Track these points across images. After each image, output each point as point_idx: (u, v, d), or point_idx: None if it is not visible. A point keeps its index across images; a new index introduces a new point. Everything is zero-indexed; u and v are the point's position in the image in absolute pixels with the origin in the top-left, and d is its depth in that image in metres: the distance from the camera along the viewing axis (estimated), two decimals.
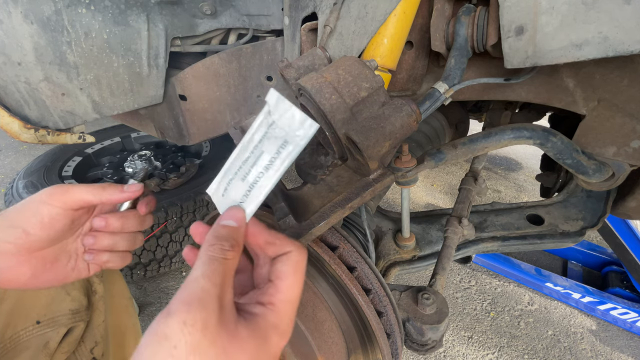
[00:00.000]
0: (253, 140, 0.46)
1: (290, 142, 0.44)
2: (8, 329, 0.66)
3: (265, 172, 0.45)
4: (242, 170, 0.47)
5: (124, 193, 0.59)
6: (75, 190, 0.56)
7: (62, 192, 0.55)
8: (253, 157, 0.46)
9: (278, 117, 0.44)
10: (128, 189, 0.60)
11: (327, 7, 0.79)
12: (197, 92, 1.14)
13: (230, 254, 0.41)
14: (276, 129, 0.44)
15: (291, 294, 0.44)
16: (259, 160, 0.46)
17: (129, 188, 0.60)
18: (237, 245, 0.43)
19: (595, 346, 1.85)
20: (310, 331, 0.64)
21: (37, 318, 0.70)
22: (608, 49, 0.54)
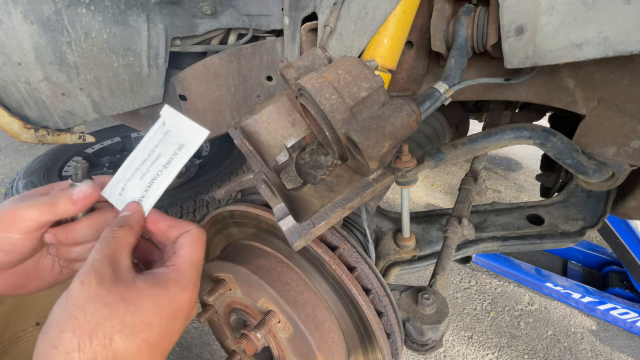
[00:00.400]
0: (149, 146, 0.56)
1: (186, 145, 0.55)
2: (7, 330, 0.66)
3: (164, 169, 0.55)
4: (140, 170, 0.56)
5: (76, 205, 0.53)
6: (24, 213, 0.51)
7: (11, 219, 0.50)
8: (151, 159, 0.56)
9: (172, 127, 0.56)
10: (78, 196, 0.53)
11: (327, 7, 0.79)
12: (197, 92, 1.14)
13: (119, 232, 0.49)
14: (172, 136, 0.56)
15: (191, 258, 0.52)
16: (157, 161, 0.56)
17: (79, 195, 0.53)
18: (126, 225, 0.51)
19: (595, 346, 1.85)
20: (310, 331, 0.64)
21: (37, 319, 0.70)
22: (608, 49, 0.54)
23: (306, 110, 0.59)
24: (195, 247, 0.53)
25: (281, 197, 0.55)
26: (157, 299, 0.45)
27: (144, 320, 0.43)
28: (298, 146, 0.67)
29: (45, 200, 0.52)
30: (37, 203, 0.51)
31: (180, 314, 0.47)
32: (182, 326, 0.49)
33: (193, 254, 0.52)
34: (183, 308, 0.47)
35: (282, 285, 0.67)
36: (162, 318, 0.44)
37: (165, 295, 0.46)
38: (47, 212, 0.51)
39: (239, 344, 0.64)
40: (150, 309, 0.44)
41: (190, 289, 0.49)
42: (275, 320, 0.65)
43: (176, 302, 0.46)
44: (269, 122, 0.67)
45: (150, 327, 0.43)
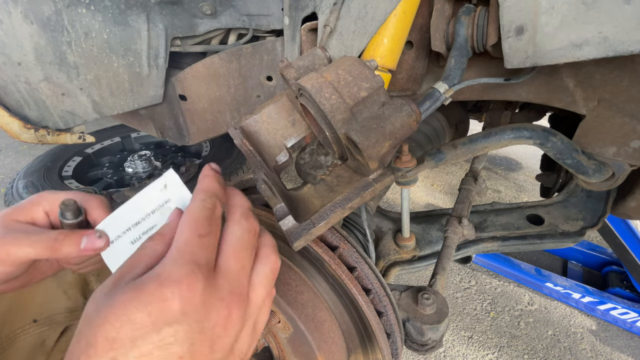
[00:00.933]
0: (146, 208, 0.50)
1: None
2: (4, 328, 0.66)
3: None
4: (132, 233, 0.50)
5: (82, 253, 0.49)
6: (19, 251, 0.47)
7: (5, 254, 0.47)
8: (145, 226, 0.50)
9: (172, 195, 0.50)
10: (86, 247, 0.49)
11: (327, 7, 0.79)
12: (197, 92, 1.14)
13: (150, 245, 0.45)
14: (171, 205, 0.50)
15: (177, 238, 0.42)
16: (149, 231, 0.50)
17: (87, 246, 0.49)
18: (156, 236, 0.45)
19: (595, 346, 1.85)
20: (310, 331, 0.64)
21: (34, 317, 0.70)
22: (608, 49, 0.54)
23: (306, 110, 0.59)
24: (187, 225, 0.42)
25: (281, 197, 0.55)
26: (126, 304, 0.35)
27: (104, 335, 0.34)
28: (298, 146, 0.67)
29: (47, 242, 0.48)
30: (35, 243, 0.48)
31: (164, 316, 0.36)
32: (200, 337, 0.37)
33: (181, 235, 0.41)
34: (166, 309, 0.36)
35: (282, 285, 0.67)
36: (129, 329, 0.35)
37: (137, 296, 0.36)
38: (47, 254, 0.48)
39: None
40: (114, 321, 0.35)
41: (174, 283, 0.37)
42: (275, 320, 0.65)
43: (151, 304, 0.35)
44: (269, 122, 0.67)
45: (114, 341, 0.34)
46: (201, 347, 0.38)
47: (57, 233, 0.49)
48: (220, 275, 0.41)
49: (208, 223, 0.43)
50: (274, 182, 0.58)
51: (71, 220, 0.50)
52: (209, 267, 0.41)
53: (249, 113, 0.66)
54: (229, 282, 0.42)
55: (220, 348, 0.40)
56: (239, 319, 0.41)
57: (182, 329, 0.36)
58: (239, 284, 0.43)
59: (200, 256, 0.40)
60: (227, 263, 0.43)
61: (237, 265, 0.43)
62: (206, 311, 0.38)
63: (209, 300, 0.39)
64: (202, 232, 0.42)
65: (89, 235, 0.49)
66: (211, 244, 0.42)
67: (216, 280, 0.41)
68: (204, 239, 0.42)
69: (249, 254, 0.46)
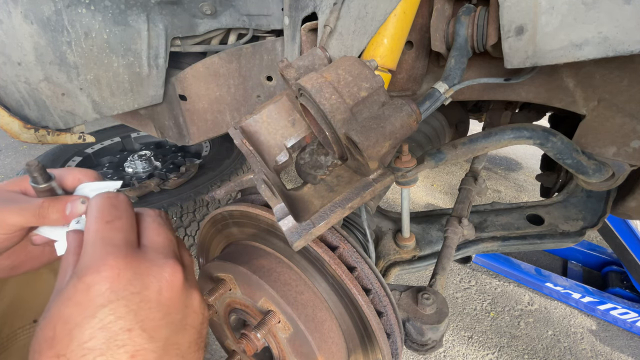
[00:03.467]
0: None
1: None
2: (5, 328, 0.66)
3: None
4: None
5: (67, 219, 0.50)
6: (9, 218, 0.48)
7: None
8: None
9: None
10: (71, 211, 0.50)
11: (327, 7, 0.79)
12: (197, 92, 1.14)
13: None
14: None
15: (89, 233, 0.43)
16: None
17: (72, 210, 0.50)
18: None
19: (595, 346, 1.85)
20: (310, 331, 0.64)
21: (34, 317, 0.70)
22: (608, 49, 0.54)
23: (306, 110, 0.59)
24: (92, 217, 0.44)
25: (281, 197, 0.55)
26: (55, 306, 0.38)
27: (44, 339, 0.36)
28: (298, 146, 0.67)
29: (34, 209, 0.49)
30: (24, 210, 0.49)
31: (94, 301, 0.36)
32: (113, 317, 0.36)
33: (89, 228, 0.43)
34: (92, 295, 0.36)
35: (282, 285, 0.67)
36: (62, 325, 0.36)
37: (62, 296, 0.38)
38: (35, 221, 0.49)
39: (239, 344, 0.64)
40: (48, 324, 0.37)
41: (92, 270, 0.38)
42: (275, 320, 0.65)
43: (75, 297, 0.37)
44: (269, 122, 0.66)
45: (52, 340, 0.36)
46: (149, 314, 0.38)
47: (42, 200, 0.50)
48: (148, 249, 0.43)
49: (114, 209, 0.45)
50: (274, 182, 0.58)
51: (41, 184, 0.50)
52: (129, 244, 0.42)
53: (249, 113, 0.66)
54: (159, 251, 0.43)
55: (175, 309, 0.41)
56: (182, 276, 0.42)
57: (120, 305, 0.37)
58: (171, 251, 0.45)
59: (114, 237, 0.41)
60: (151, 238, 0.45)
61: (162, 239, 0.45)
62: (142, 281, 0.39)
63: (141, 271, 0.39)
64: (109, 218, 0.43)
65: (73, 202, 0.51)
66: (123, 226, 0.44)
67: (145, 253, 0.42)
68: (113, 223, 0.43)
69: (171, 231, 0.49)
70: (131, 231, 0.44)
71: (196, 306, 0.45)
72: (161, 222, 0.49)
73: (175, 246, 0.47)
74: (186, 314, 0.43)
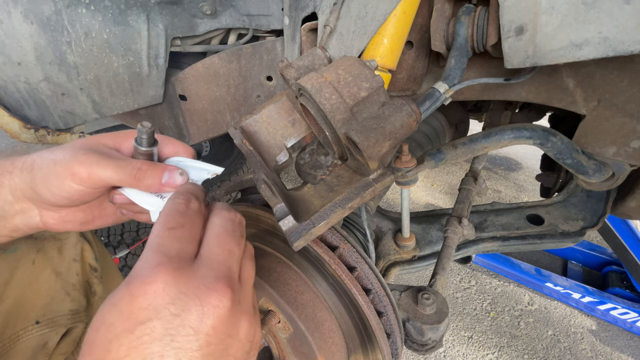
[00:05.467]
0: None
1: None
2: (7, 329, 0.66)
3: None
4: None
5: (162, 188, 0.50)
6: (103, 173, 0.47)
7: (87, 175, 0.47)
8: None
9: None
10: (168, 182, 0.50)
11: (327, 7, 0.79)
12: (197, 92, 1.14)
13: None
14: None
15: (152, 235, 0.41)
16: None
17: (170, 181, 0.50)
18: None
19: (595, 346, 1.85)
20: (310, 331, 0.64)
21: (37, 318, 0.70)
22: (608, 49, 0.54)
23: (306, 110, 0.59)
24: (157, 222, 0.42)
25: (281, 197, 0.55)
26: (102, 309, 0.35)
27: (86, 340, 0.35)
28: (298, 146, 0.67)
29: (131, 169, 0.48)
30: (120, 168, 0.48)
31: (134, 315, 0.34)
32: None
33: (151, 233, 0.40)
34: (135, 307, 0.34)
35: (282, 285, 0.67)
36: (104, 332, 0.34)
37: (110, 299, 0.36)
38: (129, 182, 0.49)
39: None
40: (92, 325, 0.35)
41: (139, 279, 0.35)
42: (275, 320, 0.65)
43: (119, 304, 0.35)
44: (269, 122, 0.67)
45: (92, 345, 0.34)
46: (186, 342, 0.34)
47: (141, 163, 0.49)
48: (203, 263, 0.39)
49: (179, 215, 0.42)
50: (274, 182, 0.58)
51: (145, 147, 0.50)
52: (183, 257, 0.39)
53: (249, 113, 0.66)
54: (213, 268, 0.39)
55: (215, 339, 0.36)
56: (231, 303, 0.38)
57: (158, 325, 0.34)
58: (227, 268, 0.41)
59: (170, 247, 0.38)
60: (210, 250, 0.41)
61: (221, 252, 0.41)
62: (185, 302, 0.35)
63: (188, 290, 0.36)
64: (172, 224, 0.41)
65: (172, 171, 0.50)
66: (184, 236, 0.41)
67: (196, 269, 0.38)
68: (175, 231, 0.40)
69: (236, 241, 0.44)
70: (191, 242, 0.41)
71: (243, 335, 0.40)
72: (229, 229, 0.44)
73: (234, 261, 0.43)
74: (229, 345, 0.38)
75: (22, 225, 0.53)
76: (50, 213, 0.53)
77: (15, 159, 0.50)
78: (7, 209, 0.51)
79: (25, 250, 0.70)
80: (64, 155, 0.48)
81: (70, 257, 0.78)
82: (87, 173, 0.47)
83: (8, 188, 0.49)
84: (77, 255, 0.79)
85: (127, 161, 0.49)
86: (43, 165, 0.48)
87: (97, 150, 0.49)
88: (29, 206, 0.52)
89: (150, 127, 0.49)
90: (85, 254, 0.81)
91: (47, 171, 0.48)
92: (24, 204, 0.51)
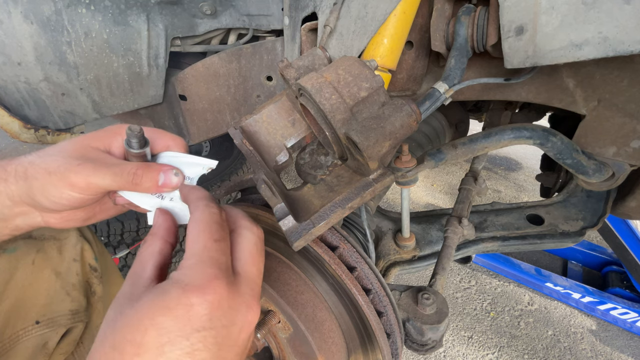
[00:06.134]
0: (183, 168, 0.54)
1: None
2: (7, 329, 0.66)
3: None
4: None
5: (160, 189, 0.51)
6: (100, 181, 0.47)
7: (85, 184, 0.47)
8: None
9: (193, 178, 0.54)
10: (164, 183, 0.50)
11: (327, 7, 0.79)
12: (197, 92, 1.14)
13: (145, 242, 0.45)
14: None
15: (193, 247, 0.40)
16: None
17: (166, 182, 0.50)
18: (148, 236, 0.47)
19: (595, 346, 1.85)
20: (310, 331, 0.64)
21: (37, 318, 0.70)
22: (608, 49, 0.54)
23: (306, 110, 0.59)
24: (200, 231, 0.41)
25: (281, 197, 0.55)
26: (150, 309, 0.36)
27: (128, 338, 0.35)
28: (298, 146, 0.67)
29: (127, 176, 0.48)
30: (117, 175, 0.48)
31: (191, 322, 0.35)
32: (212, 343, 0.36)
33: (196, 241, 0.41)
34: (193, 315, 0.36)
35: (282, 285, 0.67)
36: (155, 334, 0.34)
37: (161, 301, 0.36)
38: (127, 187, 0.49)
39: None
40: (138, 324, 0.35)
41: (198, 289, 0.37)
42: (275, 320, 0.65)
43: (176, 309, 0.35)
44: (269, 122, 0.67)
45: (139, 346, 0.34)
46: (228, 352, 0.38)
47: (136, 167, 0.49)
48: (242, 280, 0.42)
49: (220, 228, 0.43)
50: (274, 182, 0.58)
51: (136, 149, 0.50)
52: (229, 271, 0.41)
53: (249, 113, 0.66)
54: (251, 286, 0.42)
55: (241, 350, 0.40)
56: (255, 320, 0.42)
57: (210, 335, 0.36)
58: (258, 286, 0.44)
59: (221, 261, 0.40)
60: (247, 268, 0.43)
61: (256, 271, 0.44)
62: (232, 316, 0.38)
63: (234, 305, 0.39)
64: (217, 236, 0.42)
65: (167, 172, 0.50)
66: (227, 249, 0.43)
67: (239, 285, 0.41)
68: (220, 244, 0.41)
69: (263, 259, 0.47)
70: (229, 254, 0.43)
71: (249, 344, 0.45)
72: (260, 247, 0.46)
73: (261, 279, 0.45)
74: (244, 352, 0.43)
75: (23, 225, 0.54)
76: (51, 214, 0.53)
77: (5, 165, 0.49)
78: (6, 212, 0.51)
79: (25, 250, 0.70)
80: (57, 166, 0.47)
81: (70, 257, 0.78)
82: (85, 183, 0.47)
83: (5, 194, 0.49)
84: (77, 255, 0.79)
85: (122, 167, 0.49)
86: (38, 175, 0.48)
87: (90, 158, 0.49)
88: (29, 209, 0.52)
89: (139, 130, 0.49)
90: (85, 254, 0.81)
91: (43, 181, 0.48)
92: (24, 207, 0.51)
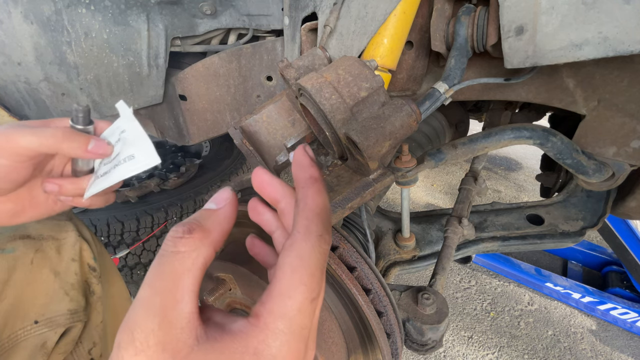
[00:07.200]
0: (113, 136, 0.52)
1: (135, 159, 0.48)
2: (6, 329, 0.66)
3: (113, 170, 0.50)
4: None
5: (87, 154, 0.48)
6: (21, 139, 0.45)
7: (6, 142, 0.45)
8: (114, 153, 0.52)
9: (128, 129, 0.50)
10: (93, 149, 0.48)
11: (327, 7, 0.79)
12: (197, 92, 1.14)
13: (183, 243, 0.30)
14: (127, 135, 0.49)
15: (284, 304, 0.29)
16: (115, 159, 0.51)
17: (96, 148, 0.48)
18: (196, 229, 0.31)
19: (595, 346, 1.85)
20: None
21: (35, 318, 0.70)
22: (608, 49, 0.54)
23: (306, 110, 0.59)
24: (301, 282, 0.30)
25: None
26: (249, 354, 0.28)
27: None
28: (298, 146, 0.67)
29: (53, 132, 0.46)
30: (41, 132, 0.46)
31: None
32: None
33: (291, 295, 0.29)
34: None
35: None
36: None
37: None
38: (48, 144, 0.46)
39: None
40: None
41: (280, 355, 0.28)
42: None
43: None
44: (269, 122, 0.67)
45: None
46: None
47: (65, 128, 0.48)
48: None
49: (321, 278, 0.32)
50: None
51: (81, 125, 0.50)
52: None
53: (249, 113, 0.66)
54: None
55: None
56: None
57: None
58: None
59: (307, 330, 0.30)
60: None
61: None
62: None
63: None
64: (315, 294, 0.31)
65: (99, 140, 0.49)
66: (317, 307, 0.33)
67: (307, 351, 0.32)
68: (315, 303, 0.31)
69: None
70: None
71: None
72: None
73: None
74: None
75: None
76: None
77: None
78: None
79: (23, 250, 0.70)
80: None
81: (68, 256, 0.77)
82: (5, 140, 0.45)
83: None
84: (75, 255, 0.79)
85: (49, 127, 0.47)
86: None
87: (20, 125, 0.48)
88: None
89: (86, 105, 0.49)
90: (84, 254, 0.81)
91: None
92: None
